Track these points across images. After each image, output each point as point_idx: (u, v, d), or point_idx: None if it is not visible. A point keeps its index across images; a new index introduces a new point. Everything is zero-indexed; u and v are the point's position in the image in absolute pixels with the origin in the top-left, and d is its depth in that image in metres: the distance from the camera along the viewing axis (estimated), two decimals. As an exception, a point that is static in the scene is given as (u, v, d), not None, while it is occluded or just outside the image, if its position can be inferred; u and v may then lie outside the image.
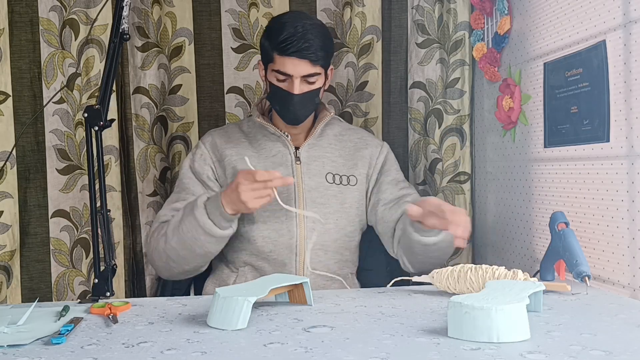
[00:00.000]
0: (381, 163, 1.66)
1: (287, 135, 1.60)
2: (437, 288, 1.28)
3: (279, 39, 1.46)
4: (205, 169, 1.60)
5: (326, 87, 1.62)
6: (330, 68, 1.59)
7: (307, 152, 1.60)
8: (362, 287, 1.66)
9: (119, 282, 1.83)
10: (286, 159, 1.58)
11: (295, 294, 1.21)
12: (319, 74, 1.51)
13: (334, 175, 1.59)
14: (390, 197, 1.62)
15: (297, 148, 1.60)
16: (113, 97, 1.81)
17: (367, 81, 1.98)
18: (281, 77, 1.49)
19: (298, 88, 1.49)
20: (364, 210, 1.65)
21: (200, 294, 1.69)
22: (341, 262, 1.60)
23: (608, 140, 1.30)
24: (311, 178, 1.58)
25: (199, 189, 1.58)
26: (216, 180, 1.60)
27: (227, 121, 1.96)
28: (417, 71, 1.94)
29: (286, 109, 1.53)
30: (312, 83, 1.51)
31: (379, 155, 1.67)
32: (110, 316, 1.10)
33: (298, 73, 1.48)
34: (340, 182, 1.60)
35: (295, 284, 1.18)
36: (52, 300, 1.80)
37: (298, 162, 1.58)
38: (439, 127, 1.92)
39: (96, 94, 1.81)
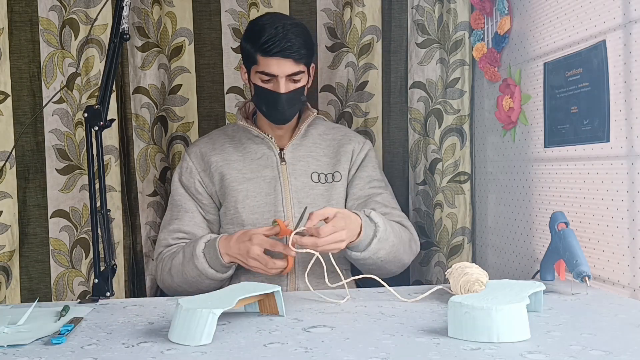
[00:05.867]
0: (361, 158, 1.68)
1: (270, 137, 1.62)
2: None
3: (261, 40, 1.49)
4: (192, 182, 1.63)
5: (309, 85, 1.64)
6: (312, 66, 1.62)
7: (291, 152, 1.62)
8: (359, 287, 1.66)
9: (119, 282, 1.83)
10: (271, 161, 1.61)
11: (266, 304, 1.13)
12: (303, 72, 1.54)
13: (319, 175, 1.62)
14: (359, 193, 1.63)
15: (281, 149, 1.63)
16: (113, 97, 1.80)
17: (367, 81, 1.98)
18: (266, 77, 1.52)
19: (284, 87, 1.51)
20: None
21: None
22: (333, 258, 1.60)
23: (608, 140, 1.30)
24: (297, 178, 1.60)
25: (190, 204, 1.62)
26: (205, 191, 1.63)
27: (227, 121, 1.96)
28: (417, 71, 1.94)
29: (274, 108, 1.55)
30: (297, 81, 1.54)
31: (360, 151, 1.68)
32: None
33: (283, 72, 1.50)
34: (326, 181, 1.62)
35: (266, 293, 1.10)
36: (51, 301, 1.80)
37: (283, 163, 1.61)
38: (439, 127, 1.92)
39: (96, 94, 1.80)
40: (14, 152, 1.75)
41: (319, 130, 1.69)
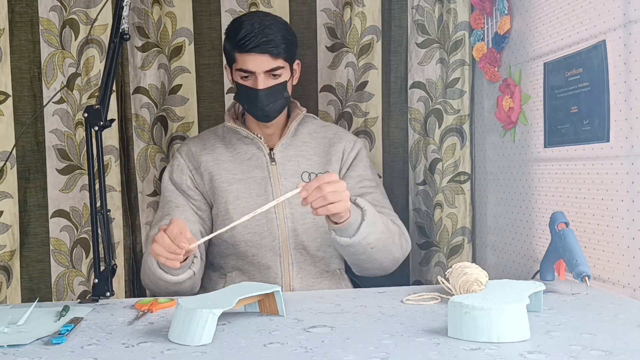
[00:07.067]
0: (352, 158, 1.66)
1: (260, 137, 1.61)
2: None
3: (237, 37, 1.49)
4: (184, 179, 1.61)
5: (295, 82, 1.63)
6: (296, 62, 1.61)
7: (281, 152, 1.61)
8: (357, 286, 1.66)
9: (119, 282, 1.83)
10: (261, 161, 1.59)
11: (266, 304, 1.13)
12: (282, 67, 1.53)
13: (309, 174, 1.60)
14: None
15: (271, 149, 1.61)
16: (113, 97, 1.80)
17: (367, 81, 1.97)
18: (244, 74, 1.52)
19: (262, 83, 1.51)
20: None
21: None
22: (325, 259, 1.60)
23: (608, 140, 1.30)
24: (287, 179, 1.58)
25: (181, 200, 1.60)
26: (196, 188, 1.61)
27: (227, 121, 1.96)
28: (417, 71, 1.94)
29: (254, 105, 1.54)
30: (277, 77, 1.53)
31: (351, 149, 1.66)
32: (140, 313, 1.12)
33: (260, 68, 1.50)
34: None
35: (266, 293, 1.10)
36: (51, 301, 1.80)
37: (273, 163, 1.59)
38: (439, 127, 1.92)
39: (96, 94, 1.81)
40: (14, 152, 1.76)
41: (309, 129, 1.67)
